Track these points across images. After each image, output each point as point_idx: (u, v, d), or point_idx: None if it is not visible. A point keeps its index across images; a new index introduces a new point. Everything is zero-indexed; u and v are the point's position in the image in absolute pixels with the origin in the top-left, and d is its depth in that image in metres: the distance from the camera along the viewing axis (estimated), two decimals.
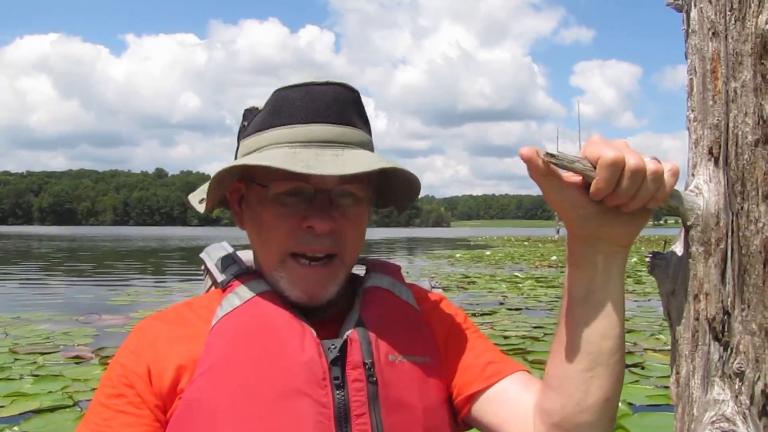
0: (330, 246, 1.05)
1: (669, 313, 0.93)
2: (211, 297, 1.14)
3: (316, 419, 0.97)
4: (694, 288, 0.87)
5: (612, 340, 0.93)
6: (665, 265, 0.93)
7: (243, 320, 1.05)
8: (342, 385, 1.00)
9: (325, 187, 1.05)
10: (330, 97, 1.05)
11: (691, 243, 0.87)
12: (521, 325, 8.35)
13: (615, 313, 0.92)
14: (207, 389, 0.99)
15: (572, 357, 0.94)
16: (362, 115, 1.11)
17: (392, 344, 1.06)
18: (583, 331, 0.93)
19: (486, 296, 11.92)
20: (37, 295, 12.74)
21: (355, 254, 1.11)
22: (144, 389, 1.01)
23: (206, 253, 1.23)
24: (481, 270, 19.05)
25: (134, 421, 1.00)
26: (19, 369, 6.01)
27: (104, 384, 1.05)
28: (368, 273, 1.19)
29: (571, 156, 0.83)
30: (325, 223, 1.03)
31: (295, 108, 1.05)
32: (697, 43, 0.89)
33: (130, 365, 1.04)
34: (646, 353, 6.61)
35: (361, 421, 0.99)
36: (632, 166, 0.81)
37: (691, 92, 0.91)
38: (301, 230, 1.04)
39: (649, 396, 5.08)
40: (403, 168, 1.04)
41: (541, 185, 0.84)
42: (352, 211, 1.08)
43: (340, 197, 1.06)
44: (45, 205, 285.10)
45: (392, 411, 1.01)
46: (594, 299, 0.92)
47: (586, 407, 0.94)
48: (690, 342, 0.88)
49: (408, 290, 1.19)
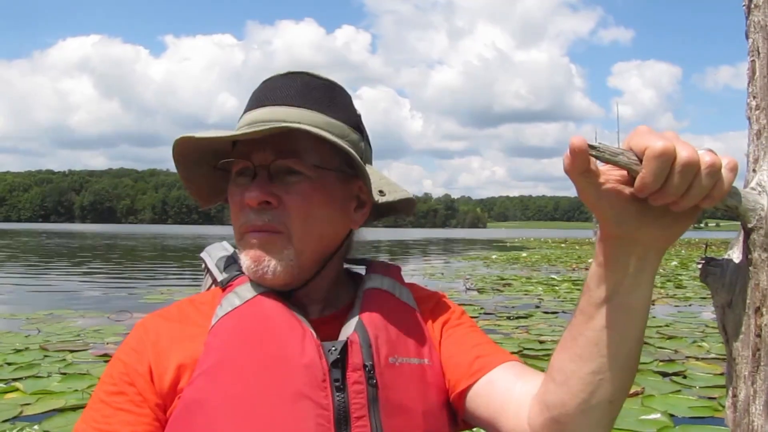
0: (270, 222, 1.04)
1: (725, 327, 0.82)
2: (213, 294, 1.14)
3: (315, 421, 0.96)
4: (755, 300, 0.76)
5: (630, 345, 0.86)
6: (721, 273, 0.82)
7: (243, 320, 1.04)
8: (342, 387, 0.99)
9: (264, 163, 1.05)
10: (288, 84, 1.09)
11: (752, 248, 0.76)
12: (557, 330, 8.16)
13: (638, 319, 0.85)
14: (206, 390, 0.98)
15: (583, 357, 0.88)
16: (334, 100, 1.12)
17: (392, 346, 1.06)
18: (600, 333, 0.85)
19: (522, 299, 11.77)
20: (72, 292, 12.96)
21: (306, 235, 1.06)
22: (145, 388, 1.01)
23: (206, 252, 1.24)
24: (517, 272, 18.89)
25: (134, 419, 0.99)
26: (48, 366, 6.07)
27: (105, 380, 1.05)
28: (368, 274, 1.18)
29: (614, 148, 0.72)
30: (254, 196, 1.03)
31: (254, 98, 1.11)
32: (762, 20, 0.78)
33: (132, 363, 1.03)
34: (687, 361, 6.40)
35: (361, 424, 0.98)
36: (684, 159, 0.69)
37: (753, 76, 0.80)
38: (247, 208, 1.05)
39: (692, 407, 4.85)
40: (318, 131, 1.03)
41: (577, 182, 0.74)
42: (296, 187, 1.05)
43: (286, 174, 1.05)
44: (86, 203, 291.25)
45: (392, 414, 1.01)
46: (618, 302, 0.83)
47: (589, 408, 0.89)
48: (750, 362, 0.77)
49: (408, 291, 1.18)
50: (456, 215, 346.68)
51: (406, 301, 1.15)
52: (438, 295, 1.23)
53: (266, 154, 1.05)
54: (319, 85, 1.11)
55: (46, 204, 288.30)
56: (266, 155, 1.05)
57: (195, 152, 1.10)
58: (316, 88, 1.10)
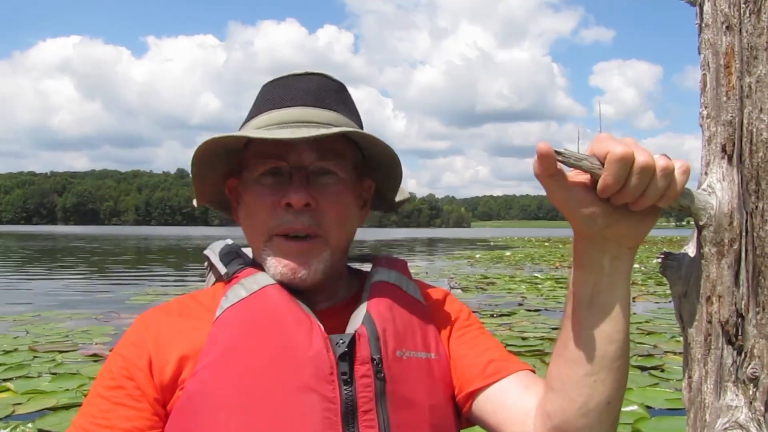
0: (309, 224, 1.05)
1: (681, 315, 0.90)
2: (215, 289, 1.14)
3: (323, 414, 0.96)
4: (706, 290, 0.85)
5: (616, 344, 0.91)
6: (677, 266, 0.91)
7: (249, 312, 1.03)
8: (350, 380, 0.98)
9: (302, 165, 1.06)
10: (307, 84, 1.10)
11: (704, 243, 0.85)
12: (540, 327, 8.27)
13: (620, 316, 0.90)
14: (210, 381, 0.98)
15: (575, 360, 0.92)
16: (346, 103, 1.15)
17: (400, 340, 1.05)
18: (587, 335, 0.91)
19: (505, 297, 11.84)
20: (59, 293, 12.88)
21: (340, 236, 1.10)
22: (145, 381, 1.00)
23: (210, 249, 1.23)
24: (501, 270, 18.96)
25: (133, 414, 0.99)
26: (38, 367, 6.08)
27: (103, 375, 1.04)
28: (375, 268, 1.18)
29: (578, 153, 0.81)
30: (300, 196, 1.03)
31: (274, 97, 1.10)
32: (711, 38, 0.86)
33: (131, 357, 1.03)
34: (666, 356, 6.53)
35: (368, 417, 0.98)
36: (641, 163, 0.78)
37: (705, 88, 0.88)
38: (281, 209, 1.05)
39: (669, 399, 4.99)
40: (374, 136, 1.06)
41: (546, 184, 0.81)
42: (332, 189, 1.07)
43: (319, 176, 1.07)
44: (68, 204, 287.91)
45: (399, 407, 1.01)
46: (599, 302, 0.89)
47: (588, 411, 0.93)
48: (702, 346, 0.86)
49: (415, 285, 1.18)
50: (440, 215, 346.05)
51: (413, 295, 1.15)
52: (444, 291, 1.24)
53: (307, 155, 1.06)
54: (335, 87, 1.13)
55: (28, 206, 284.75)
56: (307, 156, 1.06)
57: (211, 153, 1.09)
58: (334, 90, 1.13)
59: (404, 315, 1.09)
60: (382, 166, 1.15)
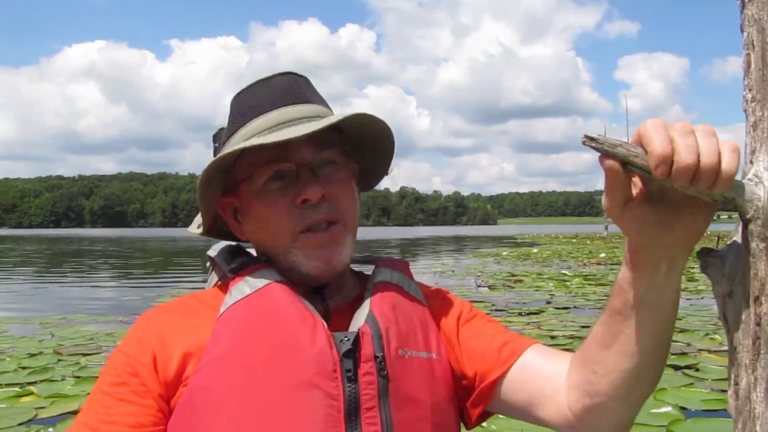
0: (329, 212, 1.07)
1: (725, 317, 0.83)
2: (218, 288, 1.14)
3: (325, 411, 0.97)
4: (754, 289, 0.77)
5: (663, 337, 0.92)
6: (720, 264, 0.84)
7: (253, 309, 1.04)
8: (353, 378, 0.99)
9: (305, 161, 1.07)
10: (286, 83, 1.13)
11: (750, 239, 0.77)
12: (569, 325, 8.14)
13: (670, 312, 0.91)
14: (214, 377, 0.98)
15: (625, 353, 0.93)
16: (316, 93, 1.18)
17: (402, 339, 1.07)
18: (637, 332, 0.91)
19: (533, 295, 11.71)
20: (85, 296, 13.02)
21: (353, 218, 1.13)
22: (149, 377, 1.00)
23: (213, 249, 1.24)
24: (528, 268, 18.81)
25: (136, 410, 0.98)
26: (62, 370, 6.10)
27: (107, 372, 1.04)
28: (377, 269, 1.19)
29: (612, 139, 0.75)
30: (316, 191, 1.05)
31: (258, 103, 1.12)
32: (755, 13, 0.79)
33: (135, 354, 1.03)
34: (700, 354, 6.36)
35: (371, 415, 0.99)
36: (679, 124, 0.75)
37: (749, 69, 0.81)
38: (298, 208, 1.06)
39: (705, 400, 4.79)
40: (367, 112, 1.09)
41: (613, 215, 0.82)
42: (337, 176, 1.11)
43: (321, 168, 1.09)
44: (96, 207, 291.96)
45: (402, 406, 1.02)
46: (651, 299, 0.88)
47: (629, 395, 0.96)
48: (750, 350, 0.78)
49: (417, 286, 1.20)
50: (466, 212, 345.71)
51: (415, 296, 1.16)
52: (443, 291, 1.25)
53: (308, 151, 1.08)
54: (303, 81, 1.17)
55: (56, 209, 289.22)
56: (307, 151, 1.08)
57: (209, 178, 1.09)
58: (304, 84, 1.16)
59: (406, 315, 1.10)
60: (372, 146, 1.19)
